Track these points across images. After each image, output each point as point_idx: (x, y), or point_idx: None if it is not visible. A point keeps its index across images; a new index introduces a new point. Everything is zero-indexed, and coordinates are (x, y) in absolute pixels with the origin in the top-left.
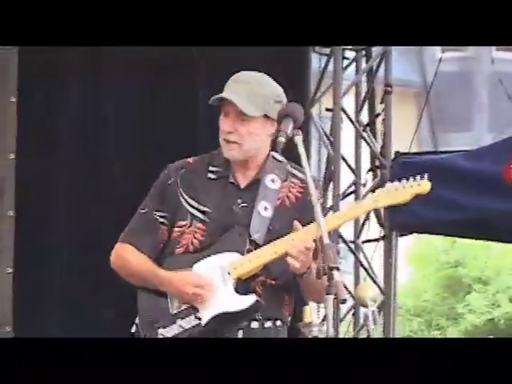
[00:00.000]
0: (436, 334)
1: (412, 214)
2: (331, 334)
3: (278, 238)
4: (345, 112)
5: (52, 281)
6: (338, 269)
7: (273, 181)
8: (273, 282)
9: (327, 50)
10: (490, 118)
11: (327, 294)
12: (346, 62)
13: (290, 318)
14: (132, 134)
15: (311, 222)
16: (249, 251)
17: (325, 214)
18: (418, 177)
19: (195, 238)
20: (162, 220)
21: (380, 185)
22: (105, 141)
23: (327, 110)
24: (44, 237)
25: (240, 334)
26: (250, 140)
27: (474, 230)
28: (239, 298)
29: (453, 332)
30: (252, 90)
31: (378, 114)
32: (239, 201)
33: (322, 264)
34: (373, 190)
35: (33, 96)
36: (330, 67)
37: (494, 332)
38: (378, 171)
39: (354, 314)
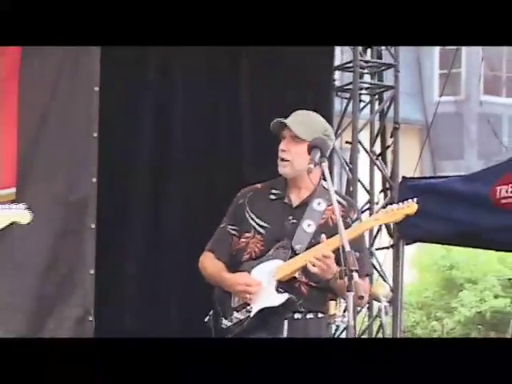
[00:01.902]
0: (435, 324)
1: (416, 226)
2: (351, 323)
3: None
4: (361, 144)
5: (126, 280)
6: (356, 271)
7: (319, 204)
8: (313, 284)
9: (347, 95)
10: (479, 149)
11: (348, 291)
12: (362, 105)
13: None
14: (202, 137)
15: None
16: (290, 258)
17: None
18: (410, 200)
19: (257, 247)
20: (233, 232)
21: (383, 206)
22: (175, 144)
23: (347, 142)
24: (120, 243)
25: (286, 324)
26: (299, 159)
27: (466, 240)
28: (276, 295)
29: (448, 322)
30: (304, 121)
31: (388, 146)
32: (290, 217)
33: (343, 267)
34: (383, 207)
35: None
36: (350, 109)
37: (482, 322)
38: (388, 192)
39: (368, 308)
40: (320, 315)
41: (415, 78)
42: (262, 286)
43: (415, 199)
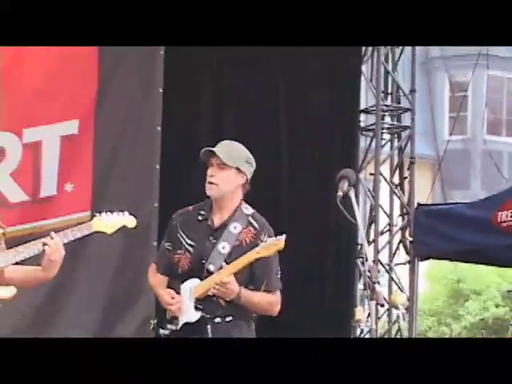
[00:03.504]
0: (444, 329)
1: (429, 246)
2: (374, 327)
3: None
4: (382, 176)
5: None
6: (378, 283)
7: (235, 227)
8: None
9: (371, 134)
10: (482, 181)
11: (371, 300)
12: (383, 142)
13: (255, 315)
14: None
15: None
16: (206, 278)
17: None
18: (279, 236)
19: (186, 264)
20: (169, 248)
21: (400, 228)
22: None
23: (370, 174)
24: None
25: (209, 328)
26: (224, 183)
27: (471, 258)
28: (193, 312)
29: (456, 327)
30: (230, 150)
31: (406, 177)
32: (211, 238)
33: (367, 279)
34: (401, 229)
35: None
36: (373, 145)
37: (485, 328)
38: (405, 216)
39: (388, 314)
40: (238, 319)
41: (428, 120)
42: (185, 302)
43: (284, 236)
